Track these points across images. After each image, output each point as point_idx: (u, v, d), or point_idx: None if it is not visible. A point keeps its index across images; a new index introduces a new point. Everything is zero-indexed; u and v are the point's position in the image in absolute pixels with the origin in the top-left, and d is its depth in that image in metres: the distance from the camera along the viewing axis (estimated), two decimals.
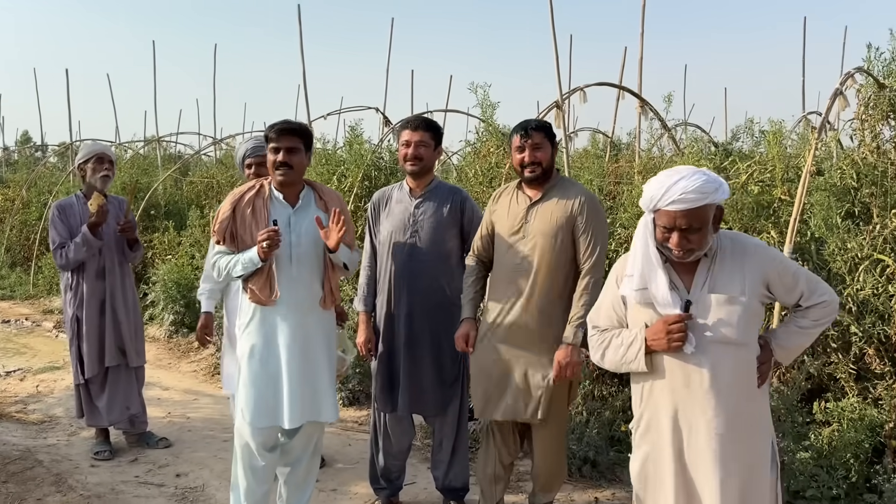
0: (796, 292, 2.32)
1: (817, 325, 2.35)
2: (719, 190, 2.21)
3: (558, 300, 3.19)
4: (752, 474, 2.30)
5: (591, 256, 3.14)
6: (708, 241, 2.24)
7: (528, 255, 3.18)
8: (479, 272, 3.41)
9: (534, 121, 3.30)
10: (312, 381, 3.28)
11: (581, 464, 4.16)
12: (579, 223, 3.16)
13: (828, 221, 3.83)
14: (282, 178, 3.25)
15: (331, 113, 8.96)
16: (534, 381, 3.19)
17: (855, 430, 3.53)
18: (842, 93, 4.31)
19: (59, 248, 4.42)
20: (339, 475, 4.28)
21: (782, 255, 2.37)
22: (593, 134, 10.75)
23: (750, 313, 2.24)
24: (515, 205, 3.29)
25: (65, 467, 4.34)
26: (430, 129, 3.53)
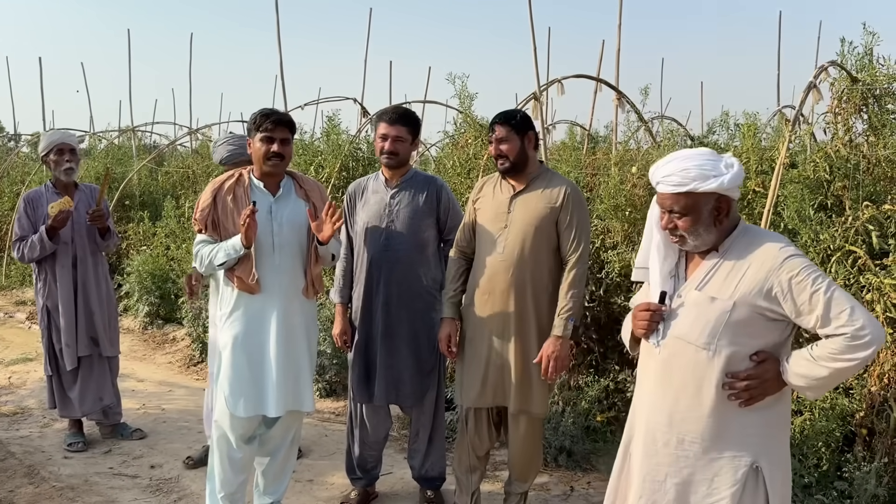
0: (811, 317, 2.01)
1: (834, 359, 1.99)
2: (710, 179, 2.08)
3: (542, 291, 3.19)
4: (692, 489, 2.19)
5: (576, 249, 3.15)
6: (700, 232, 2.14)
7: (511, 245, 3.18)
8: (462, 267, 3.40)
9: (501, 113, 3.28)
10: (295, 369, 3.28)
11: (557, 453, 4.19)
12: (563, 216, 3.16)
13: (801, 213, 3.87)
14: (271, 169, 3.25)
15: (308, 103, 8.89)
16: (516, 372, 3.20)
17: (826, 419, 3.58)
18: (815, 86, 4.35)
19: (18, 240, 4.37)
20: (316, 466, 4.27)
21: (808, 272, 2.01)
22: (571, 126, 10.78)
23: (731, 321, 2.09)
24: (500, 194, 3.29)
25: (37, 459, 4.30)
26: (408, 122, 3.50)
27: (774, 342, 2.12)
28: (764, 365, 2.10)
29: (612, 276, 4.51)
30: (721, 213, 2.14)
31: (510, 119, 3.21)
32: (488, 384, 3.26)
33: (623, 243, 4.58)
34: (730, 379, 2.11)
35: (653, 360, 2.28)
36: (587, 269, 3.26)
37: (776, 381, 2.11)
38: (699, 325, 2.14)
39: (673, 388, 2.20)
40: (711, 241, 2.17)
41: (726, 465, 2.14)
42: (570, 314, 3.10)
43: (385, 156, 3.49)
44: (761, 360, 2.10)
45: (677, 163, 2.15)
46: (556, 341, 3.11)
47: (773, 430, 2.16)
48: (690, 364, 2.16)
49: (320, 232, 3.20)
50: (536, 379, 3.19)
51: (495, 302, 3.23)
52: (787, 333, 2.14)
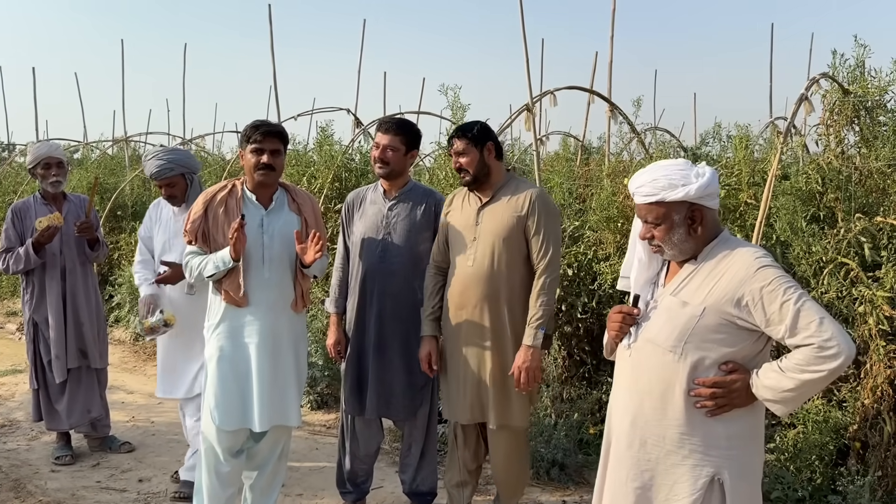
0: (781, 327, 2.00)
1: (801, 370, 1.97)
2: (678, 188, 2.10)
3: (516, 302, 3.17)
4: (652, 494, 2.20)
5: (545, 256, 3.13)
6: (675, 241, 2.16)
7: (481, 257, 3.16)
8: (438, 282, 3.36)
9: (458, 127, 3.28)
10: (281, 384, 3.25)
11: (549, 466, 4.16)
12: (530, 223, 3.14)
13: (793, 225, 3.87)
14: (262, 180, 3.22)
15: (302, 114, 8.86)
16: (493, 387, 3.17)
17: (819, 432, 3.57)
18: (807, 98, 4.36)
19: (3, 252, 4.33)
20: (306, 479, 4.23)
21: (781, 282, 2.01)
22: (565, 137, 10.79)
23: (699, 326, 2.09)
24: (468, 207, 3.27)
25: (24, 472, 4.25)
26: (402, 132, 3.47)
27: (746, 354, 2.11)
28: (733, 375, 2.09)
29: (604, 287, 4.49)
30: (695, 222, 2.15)
31: (467, 132, 3.20)
32: (467, 400, 3.22)
33: (615, 255, 4.56)
34: (696, 385, 2.10)
35: (624, 362, 2.30)
36: (559, 275, 3.25)
37: (745, 394, 2.09)
38: (668, 329, 2.15)
39: (639, 390, 2.21)
40: (689, 250, 2.19)
41: (687, 473, 2.14)
42: (540, 323, 3.09)
43: (376, 164, 3.47)
44: (731, 370, 2.09)
45: (649, 173, 2.18)
46: (527, 351, 3.09)
47: (740, 443, 2.14)
48: (657, 367, 2.17)
49: (303, 255, 3.18)
50: (514, 392, 3.17)
51: (469, 316, 3.19)
52: (760, 346, 2.12)
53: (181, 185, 3.98)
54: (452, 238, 3.28)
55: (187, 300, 3.92)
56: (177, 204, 4.01)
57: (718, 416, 2.11)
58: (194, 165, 4.06)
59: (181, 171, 3.96)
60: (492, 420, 3.19)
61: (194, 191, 3.99)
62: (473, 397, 3.21)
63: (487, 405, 3.19)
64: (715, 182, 2.15)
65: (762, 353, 2.14)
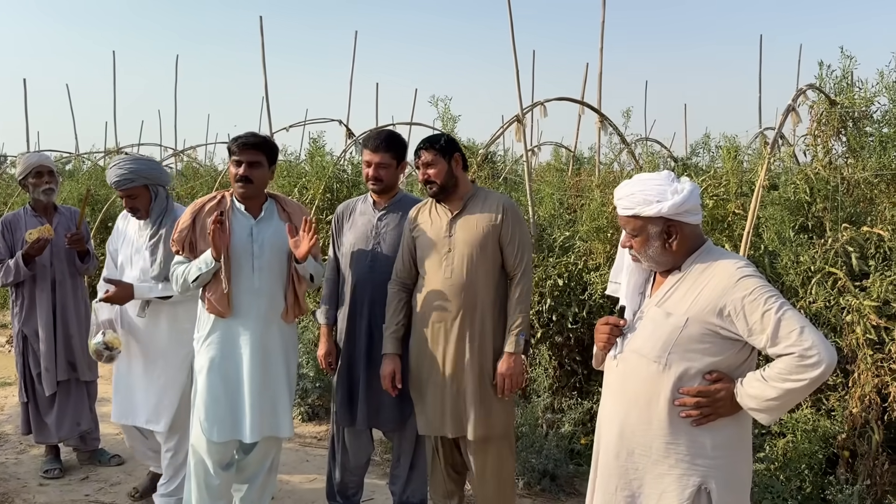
0: (762, 336, 2.01)
1: (784, 379, 1.99)
2: (652, 205, 2.13)
3: (493, 310, 3.18)
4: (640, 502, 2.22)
5: (520, 264, 3.17)
6: (650, 254, 2.20)
7: (457, 267, 3.16)
8: (403, 299, 3.33)
9: (425, 139, 3.29)
10: (272, 395, 3.25)
11: (540, 477, 4.16)
12: (504, 232, 3.17)
13: (781, 235, 3.89)
14: (241, 191, 3.24)
15: (293, 125, 8.88)
16: (474, 397, 3.15)
17: (809, 441, 3.58)
18: (794, 109, 4.39)
19: None
20: (296, 492, 4.22)
21: (762, 292, 2.03)
22: (556, 148, 10.83)
23: (683, 336, 2.11)
24: (437, 219, 3.27)
25: (12, 486, 4.22)
26: (391, 148, 3.46)
27: (730, 363, 2.13)
28: (717, 384, 2.10)
29: (594, 297, 4.50)
30: (671, 237, 2.17)
31: (435, 143, 3.22)
32: (447, 413, 3.19)
33: (605, 265, 4.58)
34: (681, 394, 2.12)
35: (611, 372, 2.32)
36: (532, 282, 3.28)
37: (729, 403, 2.10)
38: (652, 339, 2.18)
39: (626, 401, 2.23)
40: (666, 262, 2.22)
41: (674, 482, 2.15)
42: (520, 329, 3.12)
43: (370, 182, 3.47)
44: (715, 380, 2.11)
45: (628, 187, 2.22)
46: (509, 358, 3.12)
47: (727, 453, 2.15)
48: (642, 377, 2.19)
49: (297, 248, 3.18)
50: (496, 401, 3.17)
51: (448, 327, 3.17)
52: (744, 356, 2.14)
53: (144, 198, 3.70)
54: (423, 252, 3.25)
55: (148, 322, 3.70)
56: (139, 217, 3.75)
57: (704, 425, 2.12)
58: (160, 177, 3.77)
59: (143, 182, 3.67)
60: (472, 432, 3.16)
61: (159, 204, 3.73)
62: (454, 410, 3.18)
63: (467, 418, 3.16)
64: (693, 199, 2.16)
65: (747, 362, 2.15)
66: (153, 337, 3.68)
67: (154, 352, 3.67)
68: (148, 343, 3.69)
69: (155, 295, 3.63)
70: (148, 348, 3.70)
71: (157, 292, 3.63)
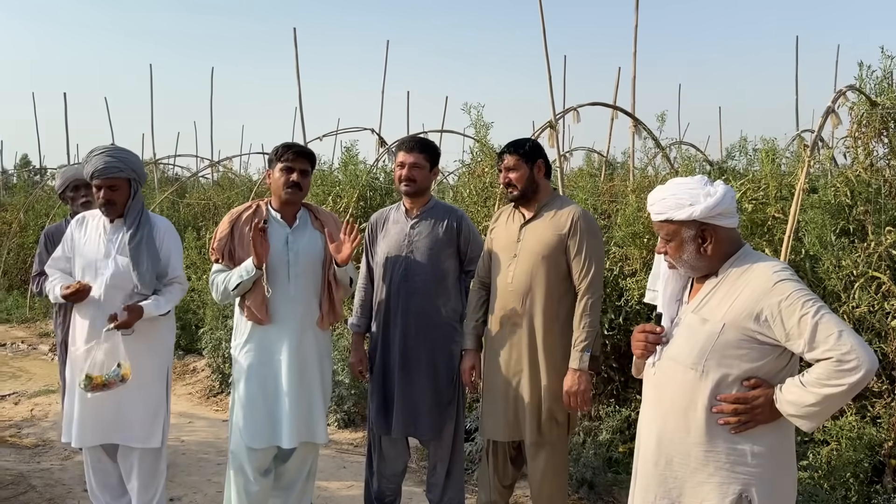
0: (800, 341, 1.97)
1: (822, 384, 1.94)
2: (684, 208, 2.13)
3: (553, 321, 3.16)
4: None
5: (586, 276, 3.12)
6: (684, 258, 2.18)
7: (521, 275, 3.17)
8: (482, 297, 3.39)
9: (510, 143, 3.29)
10: (308, 401, 3.28)
11: (578, 485, 4.13)
12: (572, 244, 3.13)
13: (822, 239, 3.83)
14: (288, 197, 3.30)
15: (327, 134, 8.97)
16: (530, 404, 3.17)
17: (854, 449, 3.51)
18: (834, 111, 4.32)
19: (36, 276, 4.35)
20: (334, 498, 4.24)
21: (799, 296, 1.99)
22: (588, 153, 10.78)
23: (719, 342, 2.08)
24: (511, 223, 3.29)
25: (58, 492, 4.29)
26: (425, 150, 3.51)
27: (769, 369, 2.09)
28: (755, 391, 2.07)
29: (631, 303, 4.47)
30: (706, 241, 2.15)
31: (519, 148, 3.22)
32: (505, 417, 3.23)
33: (642, 271, 4.54)
34: (718, 401, 2.09)
35: (649, 380, 2.31)
36: (601, 296, 3.23)
37: (768, 410, 2.06)
38: (688, 346, 2.15)
39: (664, 408, 2.21)
40: (702, 268, 2.19)
41: (713, 490, 2.12)
42: (585, 345, 3.07)
43: (403, 183, 3.50)
44: (753, 386, 2.07)
45: (661, 191, 2.21)
46: (573, 375, 3.08)
47: (768, 461, 2.11)
48: (680, 385, 2.16)
49: (339, 252, 3.23)
50: (548, 411, 3.16)
51: (507, 332, 3.21)
52: (784, 362, 2.09)
53: (124, 192, 3.41)
54: (494, 255, 3.31)
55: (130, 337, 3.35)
56: (112, 214, 3.43)
57: (743, 432, 2.09)
58: (143, 174, 3.52)
59: (130, 174, 3.41)
60: (528, 437, 3.19)
61: (136, 205, 3.46)
62: (512, 414, 3.21)
63: (524, 423, 3.19)
64: (726, 202, 2.13)
65: (787, 368, 2.11)
66: (135, 352, 3.35)
67: (136, 367, 3.34)
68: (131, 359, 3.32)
69: (161, 312, 3.44)
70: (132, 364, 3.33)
71: (163, 309, 3.45)
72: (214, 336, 6.51)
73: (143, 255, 3.39)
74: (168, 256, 3.54)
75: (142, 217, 3.47)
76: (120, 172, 3.37)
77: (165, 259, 3.52)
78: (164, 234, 3.54)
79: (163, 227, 3.55)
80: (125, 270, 3.39)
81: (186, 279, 3.71)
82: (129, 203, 3.43)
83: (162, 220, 3.59)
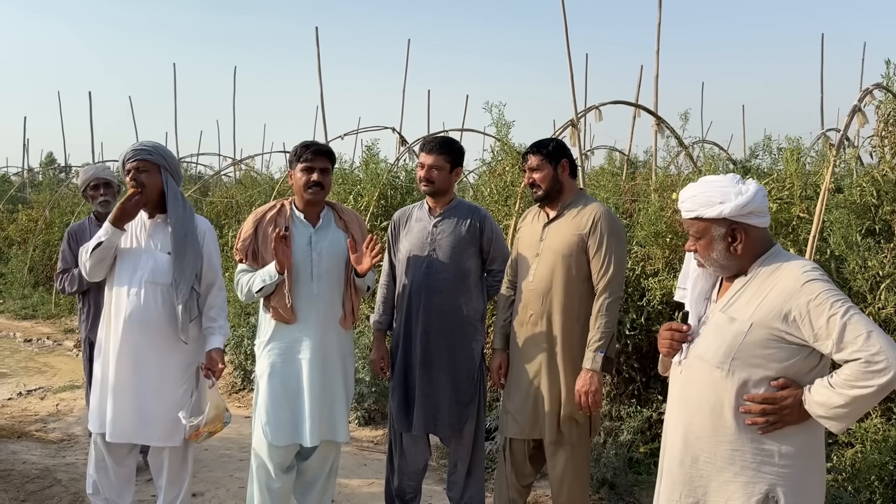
0: (828, 342, 1.95)
1: (850, 386, 1.93)
2: (715, 206, 2.11)
3: (574, 321, 3.16)
4: None
5: (604, 276, 3.11)
6: (714, 257, 2.17)
7: (542, 274, 3.17)
8: (510, 297, 3.41)
9: (535, 143, 3.29)
10: (330, 399, 3.30)
11: (599, 485, 4.11)
12: (592, 242, 3.13)
13: (847, 239, 3.78)
14: (311, 197, 3.31)
15: (348, 133, 9.02)
16: (550, 404, 3.16)
17: (879, 451, 3.47)
18: (860, 109, 4.27)
19: (61, 273, 4.41)
20: (355, 496, 4.26)
21: (828, 296, 1.97)
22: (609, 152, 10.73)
23: (746, 342, 2.07)
24: (536, 223, 3.30)
25: (83, 486, 4.33)
26: (445, 151, 3.52)
27: (797, 370, 2.07)
28: (784, 391, 2.05)
29: (653, 303, 4.45)
30: (736, 240, 2.14)
31: (542, 148, 3.22)
32: (524, 415, 3.23)
33: (664, 270, 4.52)
34: (745, 401, 2.08)
35: (675, 378, 2.30)
36: (621, 297, 3.21)
37: (797, 411, 2.04)
38: (715, 345, 2.14)
39: (689, 407, 2.21)
40: (731, 267, 2.18)
41: (739, 489, 2.11)
42: (599, 346, 3.06)
43: (423, 183, 3.52)
44: (782, 386, 2.06)
45: (692, 189, 2.20)
46: (586, 374, 3.08)
47: (796, 462, 2.09)
48: (706, 383, 2.16)
49: (359, 264, 3.24)
50: (567, 411, 3.15)
51: (528, 332, 3.21)
52: (813, 362, 2.07)
53: (154, 177, 3.34)
54: (520, 254, 3.33)
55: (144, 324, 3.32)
56: (141, 203, 3.32)
57: (770, 433, 2.07)
58: (177, 167, 3.48)
59: (160, 160, 3.36)
60: (547, 436, 3.19)
61: (174, 196, 3.38)
62: (532, 413, 3.22)
63: (543, 422, 3.19)
64: (758, 200, 2.11)
65: (816, 369, 2.08)
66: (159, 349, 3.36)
67: (161, 364, 3.37)
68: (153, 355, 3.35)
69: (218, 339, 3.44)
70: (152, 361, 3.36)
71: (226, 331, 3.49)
72: (237, 333, 6.55)
73: (187, 250, 3.34)
74: (209, 257, 3.49)
75: (186, 210, 3.42)
76: (149, 156, 3.33)
77: (207, 258, 3.48)
78: (206, 234, 3.50)
79: (203, 227, 3.51)
80: (165, 267, 3.34)
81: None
82: (164, 194, 3.37)
83: (203, 221, 3.56)
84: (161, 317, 3.32)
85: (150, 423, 3.39)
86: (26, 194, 14.66)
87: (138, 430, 3.40)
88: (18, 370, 7.56)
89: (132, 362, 3.34)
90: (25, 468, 4.60)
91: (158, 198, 3.37)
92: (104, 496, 3.59)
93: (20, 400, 6.33)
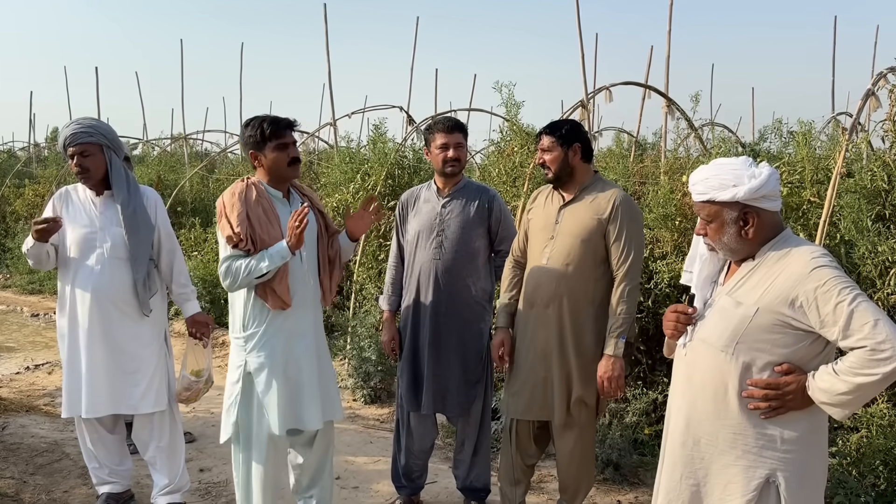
0: (834, 328, 1.94)
1: (854, 373, 1.93)
2: (727, 189, 2.09)
3: (588, 305, 3.15)
4: (706, 492, 2.20)
5: (624, 262, 3.08)
6: (724, 241, 2.15)
7: (557, 256, 3.15)
8: (516, 276, 3.38)
9: (548, 125, 3.26)
10: (325, 379, 3.25)
11: (604, 466, 4.14)
12: (612, 228, 3.09)
13: (858, 224, 3.77)
14: (294, 174, 3.16)
15: (355, 112, 8.98)
16: (558, 386, 3.17)
17: (884, 436, 3.48)
18: (874, 93, 4.23)
19: None
20: (361, 472, 4.29)
21: (836, 283, 1.95)
22: (618, 133, 10.68)
23: (753, 326, 2.06)
24: (550, 204, 3.27)
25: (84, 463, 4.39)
26: (462, 129, 3.54)
27: (802, 356, 2.07)
28: (787, 377, 2.05)
29: (661, 286, 4.44)
30: (747, 224, 2.12)
31: (556, 130, 3.18)
32: (532, 396, 3.23)
33: (673, 253, 4.51)
34: (748, 385, 2.09)
35: (680, 361, 2.31)
36: (640, 283, 3.19)
37: (800, 397, 2.04)
38: (720, 328, 2.14)
39: (693, 390, 2.22)
40: (741, 250, 2.16)
41: (740, 473, 2.13)
42: (621, 332, 3.06)
43: (450, 164, 3.48)
44: (786, 372, 2.06)
45: (704, 171, 2.18)
46: (608, 361, 3.07)
47: (798, 447, 2.10)
48: (710, 366, 2.16)
49: (359, 224, 3.26)
50: (578, 394, 3.16)
51: (537, 313, 3.20)
52: (818, 349, 2.07)
53: (97, 159, 3.36)
54: (532, 235, 3.30)
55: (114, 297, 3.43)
56: (89, 182, 3.41)
57: (773, 418, 2.08)
58: (118, 144, 3.46)
59: (101, 140, 3.35)
60: (556, 418, 3.20)
61: (118, 173, 3.41)
62: (539, 394, 3.22)
63: (552, 403, 3.20)
64: (771, 184, 2.10)
65: (822, 355, 2.08)
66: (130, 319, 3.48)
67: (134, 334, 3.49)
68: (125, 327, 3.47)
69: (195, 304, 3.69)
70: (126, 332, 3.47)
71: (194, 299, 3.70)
72: None
73: (140, 226, 3.42)
74: (163, 225, 3.57)
75: (130, 185, 3.46)
76: (90, 138, 3.33)
77: (162, 227, 3.56)
78: (156, 204, 3.56)
79: (153, 197, 3.56)
80: (123, 241, 3.42)
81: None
82: (107, 174, 3.41)
83: (149, 190, 3.58)
84: (129, 288, 3.44)
85: (132, 393, 3.50)
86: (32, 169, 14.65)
87: (119, 403, 3.50)
88: (26, 345, 7.61)
89: (104, 337, 3.44)
90: (34, 442, 4.64)
91: (104, 175, 3.43)
92: (107, 467, 3.69)
93: (28, 374, 6.38)
